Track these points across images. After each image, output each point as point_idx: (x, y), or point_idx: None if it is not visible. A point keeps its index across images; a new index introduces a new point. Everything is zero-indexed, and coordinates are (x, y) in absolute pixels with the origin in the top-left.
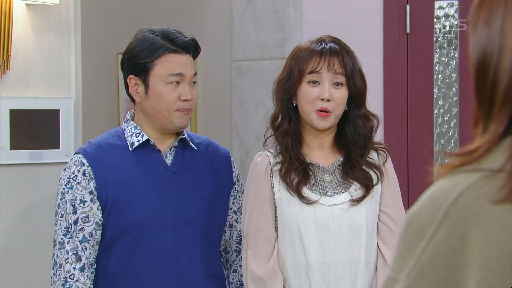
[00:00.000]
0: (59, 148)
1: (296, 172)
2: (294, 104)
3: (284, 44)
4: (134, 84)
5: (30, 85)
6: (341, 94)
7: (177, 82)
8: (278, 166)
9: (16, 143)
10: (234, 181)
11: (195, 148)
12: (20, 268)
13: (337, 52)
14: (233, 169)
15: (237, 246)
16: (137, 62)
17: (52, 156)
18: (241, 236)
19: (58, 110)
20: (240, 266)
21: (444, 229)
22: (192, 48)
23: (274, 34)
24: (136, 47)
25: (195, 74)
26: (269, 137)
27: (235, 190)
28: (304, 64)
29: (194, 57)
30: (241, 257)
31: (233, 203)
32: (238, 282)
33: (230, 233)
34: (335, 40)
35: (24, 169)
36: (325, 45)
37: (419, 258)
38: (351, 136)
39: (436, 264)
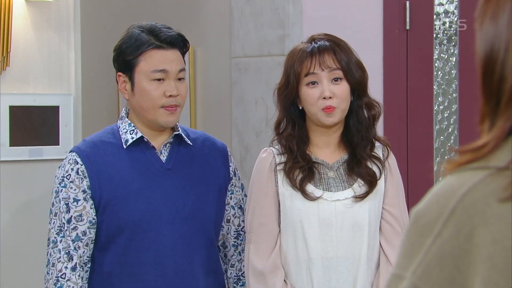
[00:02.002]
0: (58, 144)
1: (301, 170)
2: (301, 108)
3: (284, 40)
4: (122, 81)
5: (29, 82)
6: (342, 89)
7: (162, 79)
8: (283, 162)
9: (16, 140)
10: (231, 176)
11: (191, 144)
12: (19, 264)
13: (327, 49)
14: (230, 164)
15: (235, 241)
16: (123, 59)
17: (52, 152)
18: (238, 231)
19: (58, 107)
20: (238, 260)
21: (451, 227)
22: (179, 43)
23: (273, 30)
24: (123, 44)
25: (182, 70)
26: (273, 140)
27: (233, 185)
28: (298, 67)
29: (183, 53)
30: (239, 252)
31: (231, 198)
32: (236, 277)
33: (228, 228)
34: (325, 36)
35: (24, 166)
36: (315, 45)
37: (425, 256)
38: (355, 127)
39: (442, 262)
